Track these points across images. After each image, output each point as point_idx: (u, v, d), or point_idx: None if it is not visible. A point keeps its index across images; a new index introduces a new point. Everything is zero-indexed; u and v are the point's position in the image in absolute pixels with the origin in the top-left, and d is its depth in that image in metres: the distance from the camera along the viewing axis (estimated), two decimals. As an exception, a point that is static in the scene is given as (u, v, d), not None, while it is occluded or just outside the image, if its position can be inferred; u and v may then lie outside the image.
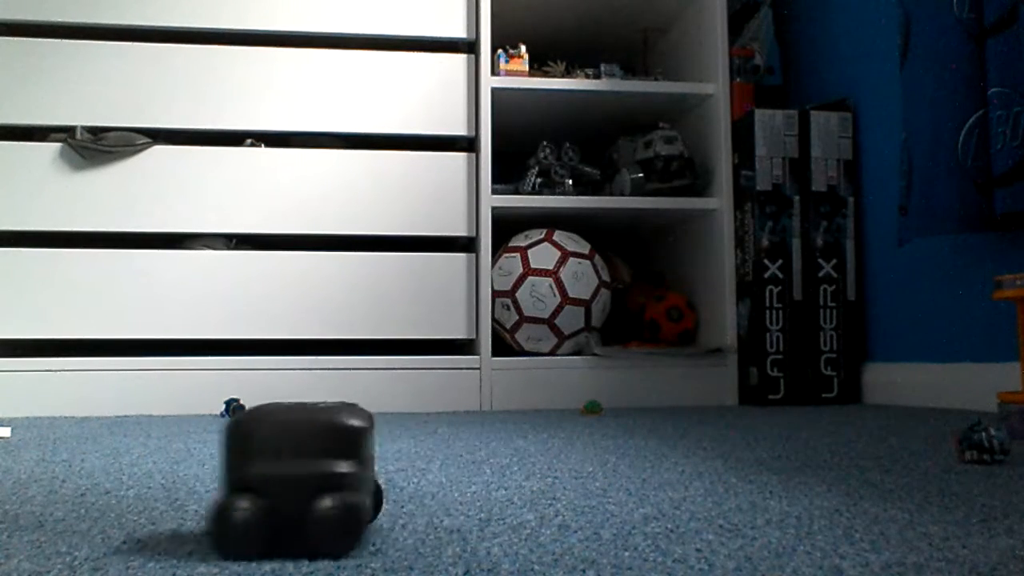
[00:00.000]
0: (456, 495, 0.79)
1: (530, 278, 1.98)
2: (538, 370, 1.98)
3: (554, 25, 2.42)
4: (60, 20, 1.94)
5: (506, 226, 2.20)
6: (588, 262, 2.03)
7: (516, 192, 2.13)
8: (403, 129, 2.03)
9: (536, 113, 2.26)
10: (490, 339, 1.97)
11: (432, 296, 1.98)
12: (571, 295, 1.98)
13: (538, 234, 2.05)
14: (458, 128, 2.04)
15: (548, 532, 0.63)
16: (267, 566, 0.54)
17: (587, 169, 2.21)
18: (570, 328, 2.00)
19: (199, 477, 0.92)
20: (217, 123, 1.97)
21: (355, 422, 0.58)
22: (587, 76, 2.16)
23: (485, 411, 1.92)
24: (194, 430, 1.44)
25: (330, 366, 1.91)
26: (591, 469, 0.96)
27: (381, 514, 0.70)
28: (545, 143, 2.14)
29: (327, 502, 0.55)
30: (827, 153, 2.08)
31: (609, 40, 2.53)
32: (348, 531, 0.55)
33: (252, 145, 1.99)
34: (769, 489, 0.81)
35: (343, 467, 0.56)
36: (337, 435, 0.57)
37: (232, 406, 1.74)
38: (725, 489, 0.81)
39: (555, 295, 1.98)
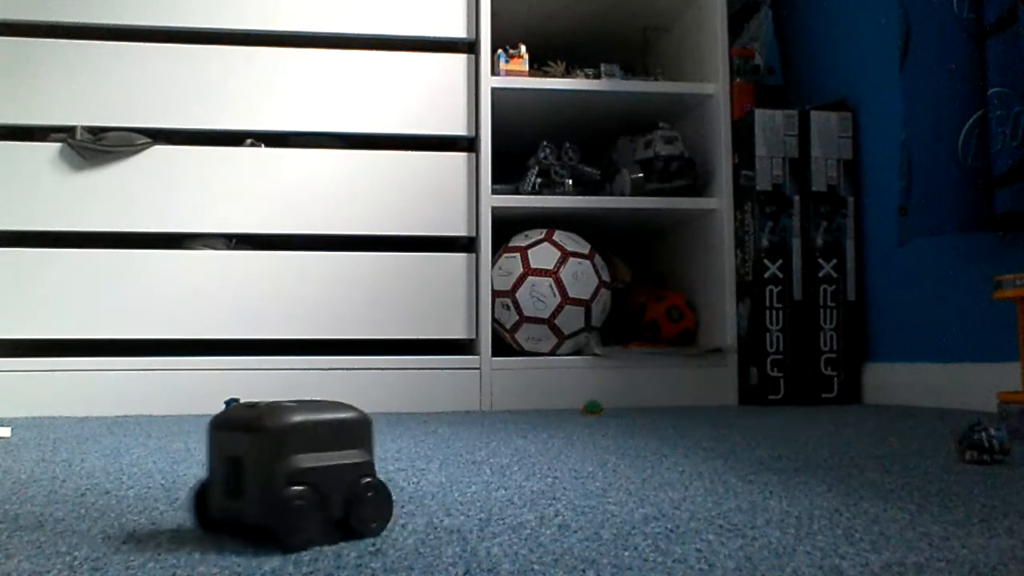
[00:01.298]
0: (456, 495, 0.79)
1: (530, 278, 1.98)
2: (538, 370, 1.98)
3: (554, 25, 2.41)
4: (60, 20, 1.94)
5: (506, 226, 2.20)
6: (588, 262, 2.03)
7: (516, 192, 2.13)
8: (403, 129, 2.02)
9: (536, 113, 2.26)
10: (490, 339, 1.97)
11: (432, 296, 1.98)
12: (571, 295, 1.98)
13: (538, 234, 2.05)
14: (458, 128, 2.04)
15: (548, 532, 0.63)
16: (267, 566, 0.54)
17: (587, 169, 2.21)
18: (570, 328, 2.00)
19: (199, 477, 0.92)
20: (217, 123, 1.96)
21: (238, 421, 0.62)
22: (587, 76, 2.16)
23: (485, 411, 1.92)
24: (194, 430, 1.44)
25: (330, 366, 1.91)
26: (591, 469, 0.96)
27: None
28: (545, 143, 2.14)
29: None
30: (827, 153, 2.08)
31: (609, 40, 2.53)
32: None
33: (252, 145, 1.99)
34: (769, 489, 0.81)
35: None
36: (239, 435, 0.61)
37: (232, 406, 1.74)
38: (725, 489, 0.81)
39: (555, 295, 1.98)
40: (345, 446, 0.61)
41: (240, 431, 0.60)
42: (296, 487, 0.58)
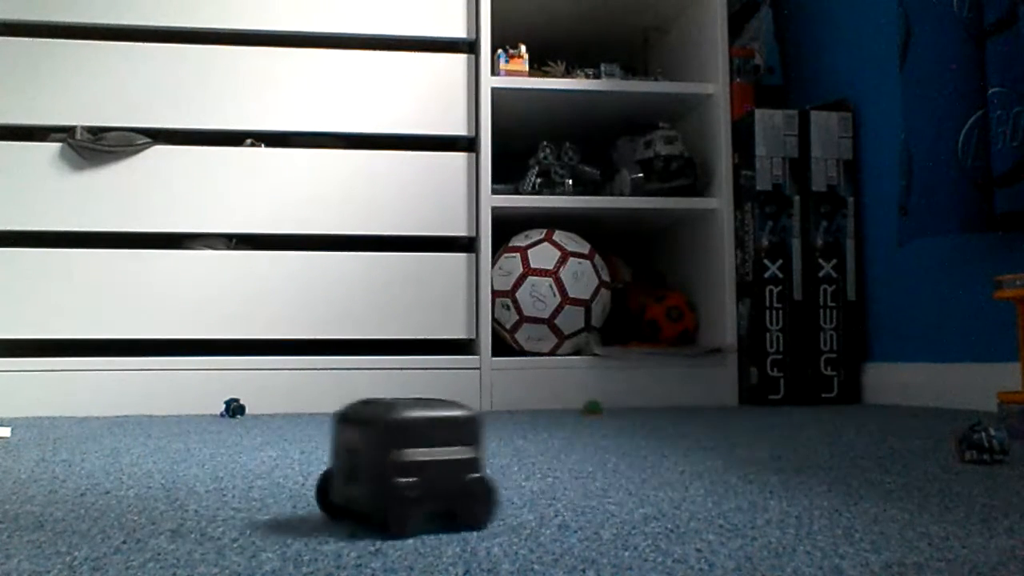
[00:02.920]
0: (456, 495, 0.79)
1: (530, 278, 1.98)
2: (538, 370, 1.98)
3: (554, 25, 2.41)
4: (60, 20, 1.93)
5: (506, 226, 2.20)
6: (588, 262, 2.03)
7: (516, 192, 2.13)
8: (403, 129, 2.02)
9: (536, 113, 2.26)
10: (490, 339, 1.97)
11: (432, 296, 1.98)
12: (571, 295, 1.98)
13: (538, 234, 2.05)
14: (458, 128, 2.04)
15: (548, 532, 0.63)
16: (267, 566, 0.54)
17: (587, 169, 2.21)
18: (570, 328, 2.00)
19: (199, 477, 0.92)
20: (217, 123, 1.96)
21: (356, 416, 0.65)
22: (587, 76, 2.15)
23: (485, 411, 1.92)
24: (194, 430, 1.44)
25: (330, 366, 1.91)
26: (591, 469, 0.95)
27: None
28: (545, 143, 2.14)
29: None
30: (827, 153, 2.08)
31: (609, 40, 2.53)
32: None
33: (252, 145, 1.99)
34: (769, 489, 0.81)
35: None
36: (356, 429, 0.66)
37: (232, 406, 1.74)
38: (725, 489, 0.81)
39: (555, 295, 1.98)
40: (453, 443, 0.63)
41: (357, 425, 0.64)
42: (405, 478, 0.61)
